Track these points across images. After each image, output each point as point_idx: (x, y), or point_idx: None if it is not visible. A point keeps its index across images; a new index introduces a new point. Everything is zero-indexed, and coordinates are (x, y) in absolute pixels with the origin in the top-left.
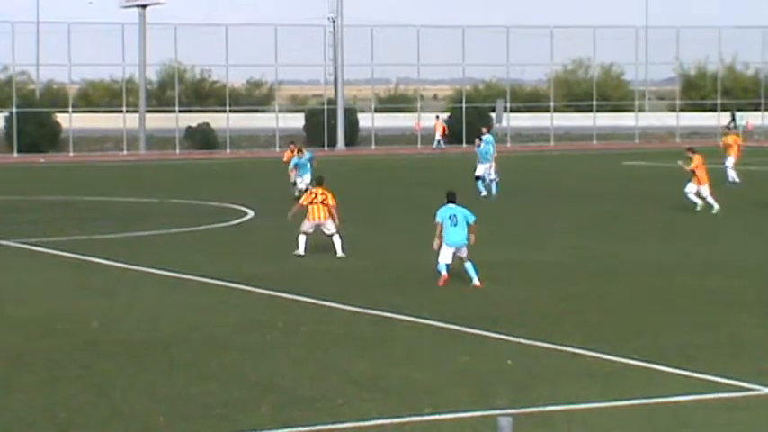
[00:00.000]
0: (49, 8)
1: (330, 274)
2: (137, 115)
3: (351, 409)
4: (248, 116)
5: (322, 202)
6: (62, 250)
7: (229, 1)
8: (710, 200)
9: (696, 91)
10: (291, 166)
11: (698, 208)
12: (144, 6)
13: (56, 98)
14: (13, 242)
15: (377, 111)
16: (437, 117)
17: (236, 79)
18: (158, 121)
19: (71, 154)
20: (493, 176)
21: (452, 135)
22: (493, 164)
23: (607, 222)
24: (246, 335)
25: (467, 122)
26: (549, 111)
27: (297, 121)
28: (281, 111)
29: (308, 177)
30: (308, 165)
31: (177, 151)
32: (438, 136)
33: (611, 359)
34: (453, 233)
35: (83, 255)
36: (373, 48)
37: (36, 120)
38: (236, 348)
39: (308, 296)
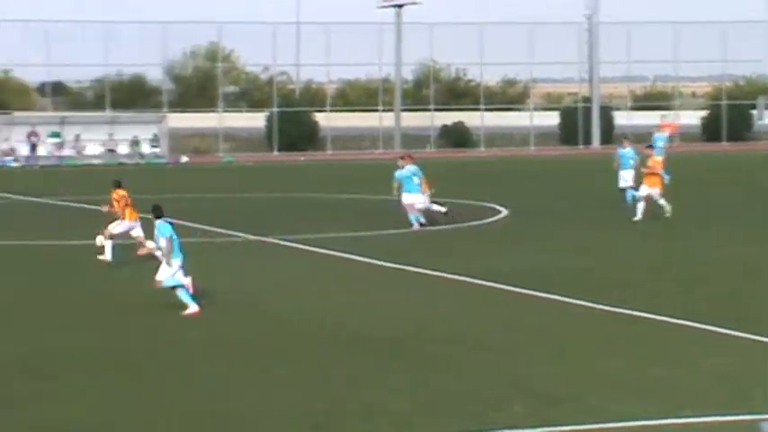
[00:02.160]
0: (309, 9)
1: (579, 273)
2: (392, 114)
3: (605, 410)
4: (502, 114)
5: None
6: (319, 247)
7: (485, 0)
8: None
9: None
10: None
11: None
12: (400, 6)
13: (314, 98)
14: (273, 239)
15: (632, 108)
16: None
17: (490, 78)
18: (413, 120)
19: (329, 152)
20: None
21: (710, 133)
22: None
23: None
24: (497, 332)
25: (727, 120)
26: None
27: (551, 119)
28: (535, 109)
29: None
30: (413, 178)
31: (432, 149)
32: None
33: None
34: None
35: (339, 251)
36: (629, 45)
37: (295, 119)
38: (487, 346)
39: (559, 294)
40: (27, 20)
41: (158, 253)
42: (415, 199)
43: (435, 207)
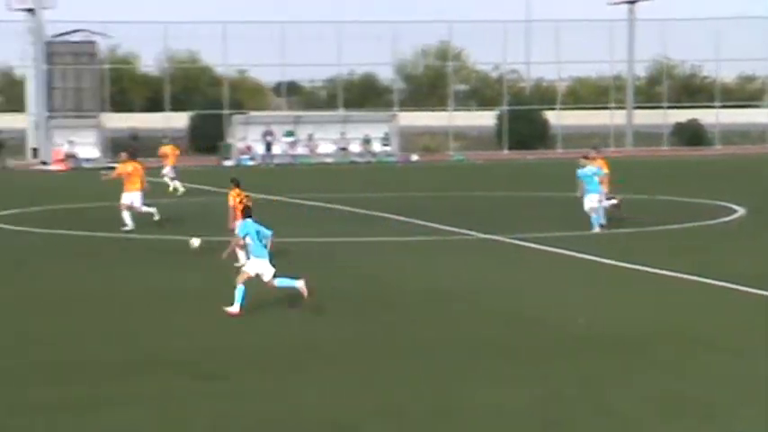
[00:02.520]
0: (539, 7)
1: None
2: (624, 111)
3: None
4: (739, 111)
5: None
6: (550, 246)
7: None
8: None
9: None
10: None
11: None
12: (633, 2)
13: (544, 95)
14: (503, 237)
15: None
16: None
17: (726, 74)
18: (646, 118)
19: (559, 150)
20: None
21: None
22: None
23: None
24: (733, 336)
25: None
26: None
27: None
28: None
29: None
30: (593, 177)
31: (665, 147)
32: None
33: None
34: None
35: (569, 250)
36: None
37: (525, 117)
38: (725, 349)
39: None
40: (263, 21)
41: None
42: (592, 200)
43: (609, 202)
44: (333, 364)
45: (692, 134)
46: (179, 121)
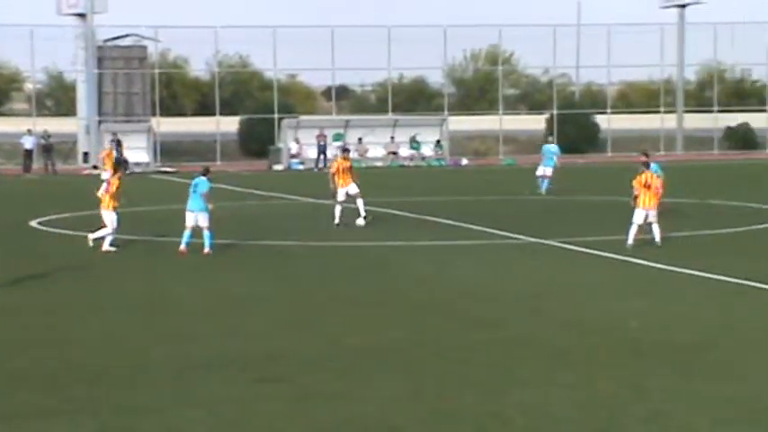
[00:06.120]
0: (590, 11)
1: None
2: (674, 115)
3: None
4: None
5: None
6: (597, 249)
7: None
8: None
9: None
10: None
11: None
12: (683, 6)
13: (595, 99)
14: (552, 241)
15: None
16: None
17: None
18: (696, 122)
19: (609, 154)
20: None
21: None
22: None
23: None
24: None
25: None
26: None
27: None
28: None
29: None
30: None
31: (716, 151)
32: None
33: None
34: None
35: (618, 255)
36: None
37: (575, 121)
38: None
39: None
40: (312, 25)
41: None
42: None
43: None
44: (389, 369)
45: (742, 138)
46: (229, 125)
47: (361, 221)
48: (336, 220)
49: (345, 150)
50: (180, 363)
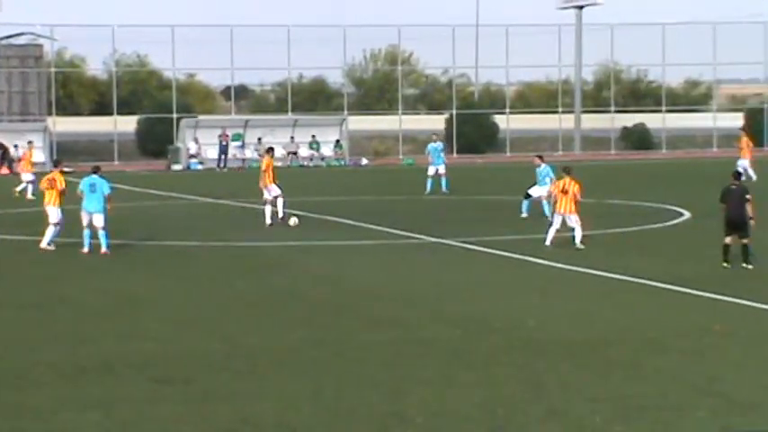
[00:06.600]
0: (488, 11)
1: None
2: (572, 116)
3: None
4: (685, 116)
5: None
6: (497, 249)
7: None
8: None
9: None
10: None
11: None
12: (581, 7)
13: (494, 99)
14: (451, 241)
15: None
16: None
17: (672, 79)
18: (594, 122)
19: (507, 154)
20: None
21: None
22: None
23: None
24: (683, 337)
25: None
26: None
27: (735, 121)
28: (718, 110)
29: None
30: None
31: (613, 151)
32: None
33: None
34: None
35: (517, 254)
36: None
37: (474, 121)
38: (673, 351)
39: (747, 299)
40: (211, 24)
41: None
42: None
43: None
44: (287, 369)
45: (638, 138)
46: (127, 125)
47: (295, 220)
48: (268, 221)
49: (271, 150)
50: (75, 364)
